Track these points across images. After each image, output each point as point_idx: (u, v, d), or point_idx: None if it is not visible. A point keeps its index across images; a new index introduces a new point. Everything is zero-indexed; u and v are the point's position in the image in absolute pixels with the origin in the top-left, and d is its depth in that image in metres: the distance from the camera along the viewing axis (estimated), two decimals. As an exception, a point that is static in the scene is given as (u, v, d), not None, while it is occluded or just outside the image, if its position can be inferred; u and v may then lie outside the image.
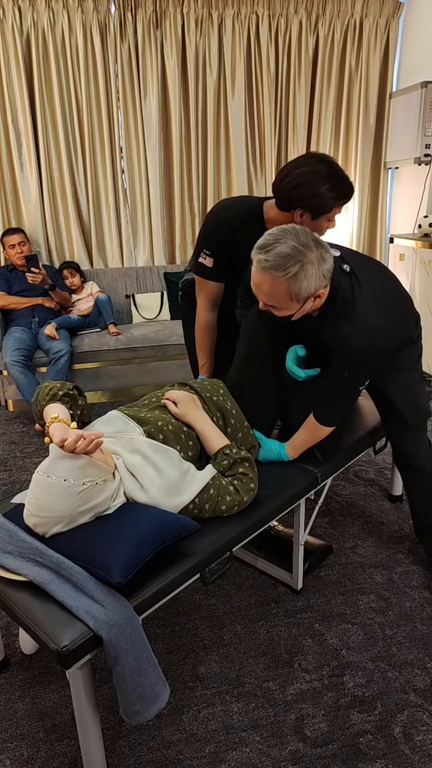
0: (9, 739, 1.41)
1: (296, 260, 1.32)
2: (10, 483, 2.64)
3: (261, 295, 1.42)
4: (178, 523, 1.27)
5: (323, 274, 1.37)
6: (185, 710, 1.47)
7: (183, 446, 1.47)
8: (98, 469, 1.26)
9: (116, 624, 1.10)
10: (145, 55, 3.70)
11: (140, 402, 1.63)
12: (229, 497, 1.41)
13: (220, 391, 1.67)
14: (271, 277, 1.35)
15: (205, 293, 1.95)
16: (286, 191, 1.66)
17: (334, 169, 1.63)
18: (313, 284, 1.36)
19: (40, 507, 1.23)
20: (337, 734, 1.40)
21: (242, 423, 1.64)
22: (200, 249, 1.89)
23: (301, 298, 1.38)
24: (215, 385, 1.69)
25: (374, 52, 4.02)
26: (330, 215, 1.70)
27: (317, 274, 1.35)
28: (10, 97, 3.58)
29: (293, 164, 1.66)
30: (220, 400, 1.64)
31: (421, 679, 1.54)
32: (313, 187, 1.62)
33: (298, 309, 1.41)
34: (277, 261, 1.33)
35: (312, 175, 1.62)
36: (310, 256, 1.33)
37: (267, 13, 3.79)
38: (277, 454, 1.69)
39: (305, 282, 1.34)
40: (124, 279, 4.00)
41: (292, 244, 1.33)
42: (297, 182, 1.63)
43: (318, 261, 1.35)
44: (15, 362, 3.18)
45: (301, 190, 1.63)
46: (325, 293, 1.42)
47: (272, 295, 1.38)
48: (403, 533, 2.16)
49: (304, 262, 1.33)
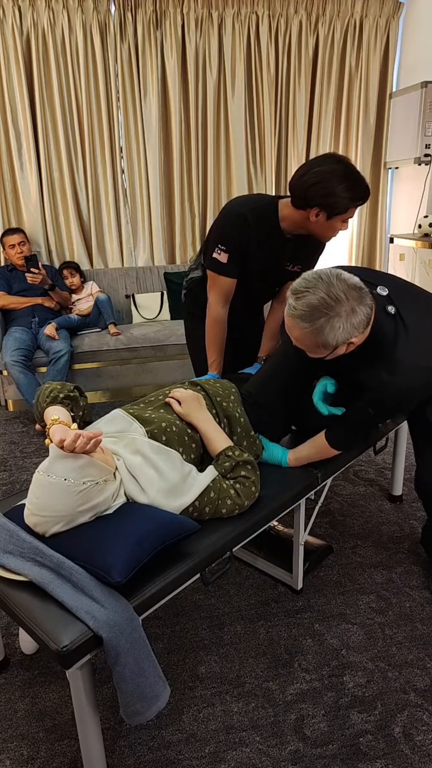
0: (9, 739, 1.41)
1: (323, 313, 1.30)
2: (10, 483, 2.64)
3: (291, 338, 1.41)
4: (178, 523, 1.27)
5: (354, 326, 1.33)
6: (185, 710, 1.47)
7: (186, 448, 1.47)
8: (98, 468, 1.26)
9: (116, 624, 1.10)
10: (145, 55, 3.70)
11: (146, 399, 1.62)
12: (229, 501, 1.41)
13: (231, 397, 1.66)
14: (298, 326, 1.34)
15: (218, 289, 1.95)
16: (303, 189, 1.67)
17: (351, 169, 1.64)
18: (341, 336, 1.33)
19: (40, 506, 1.23)
20: (337, 734, 1.40)
21: (248, 432, 1.64)
22: (215, 244, 1.89)
23: (329, 347, 1.36)
24: (227, 390, 1.68)
25: (374, 52, 4.02)
26: (345, 216, 1.71)
27: (346, 326, 1.32)
28: (10, 97, 3.58)
29: (310, 163, 1.68)
30: (230, 407, 1.63)
31: (421, 679, 1.54)
32: (329, 186, 1.63)
33: (328, 354, 1.40)
34: (304, 312, 1.32)
35: (328, 174, 1.63)
36: (339, 309, 1.30)
37: (267, 13, 3.79)
38: (278, 460, 1.69)
39: (332, 334, 1.32)
40: (124, 279, 4.00)
41: (321, 295, 1.30)
42: (314, 181, 1.64)
43: (348, 314, 1.31)
44: (15, 362, 3.18)
45: (317, 189, 1.64)
46: (359, 341, 1.39)
47: (300, 341, 1.39)
48: (403, 533, 2.16)
49: (331, 315, 1.30)
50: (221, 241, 1.87)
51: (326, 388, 1.67)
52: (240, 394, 1.72)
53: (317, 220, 1.72)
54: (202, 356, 2.10)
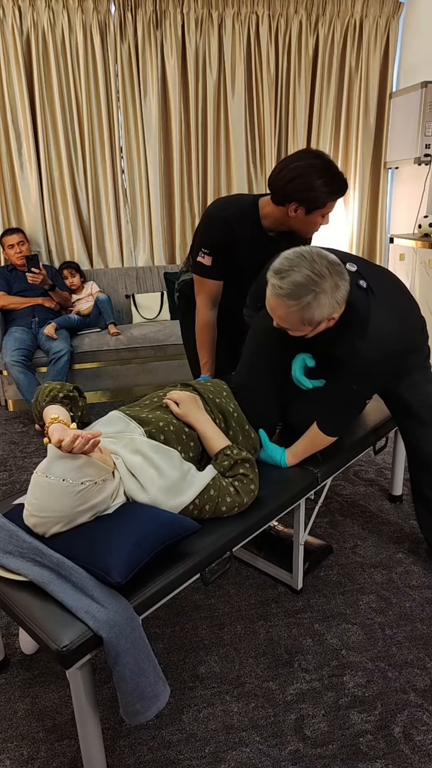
0: (9, 739, 1.41)
1: (309, 290, 1.33)
2: (10, 483, 2.64)
3: (275, 317, 1.44)
4: (178, 523, 1.27)
5: (337, 301, 1.38)
6: (185, 710, 1.47)
7: (184, 447, 1.47)
8: (97, 468, 1.26)
9: (116, 624, 1.10)
10: (145, 55, 3.70)
11: (142, 402, 1.63)
12: (229, 498, 1.41)
13: (223, 393, 1.67)
14: (284, 304, 1.37)
15: (205, 292, 1.96)
16: (281, 185, 1.68)
17: (329, 164, 1.65)
18: (326, 311, 1.38)
19: (40, 507, 1.24)
20: (337, 734, 1.40)
21: (243, 426, 1.64)
22: (198, 248, 1.90)
23: (314, 323, 1.40)
24: (218, 387, 1.69)
25: (374, 52, 4.02)
26: (324, 210, 1.71)
27: (331, 302, 1.36)
28: (10, 97, 3.58)
29: (288, 159, 1.68)
30: (223, 402, 1.64)
31: (421, 679, 1.54)
32: (307, 181, 1.64)
33: (311, 331, 1.44)
34: (290, 290, 1.34)
35: (306, 169, 1.64)
36: (324, 285, 1.34)
37: (267, 13, 3.79)
38: (278, 461, 1.70)
39: (318, 310, 1.36)
40: (124, 279, 4.00)
41: (306, 272, 1.33)
42: (291, 176, 1.65)
43: (332, 289, 1.35)
44: (15, 362, 3.18)
45: (296, 184, 1.65)
46: (338, 315, 1.44)
47: (285, 319, 1.41)
48: (403, 533, 2.16)
49: (318, 291, 1.34)
50: (204, 245, 1.88)
51: (305, 362, 1.69)
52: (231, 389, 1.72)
53: (296, 216, 1.73)
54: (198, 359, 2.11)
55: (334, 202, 1.71)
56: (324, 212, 1.72)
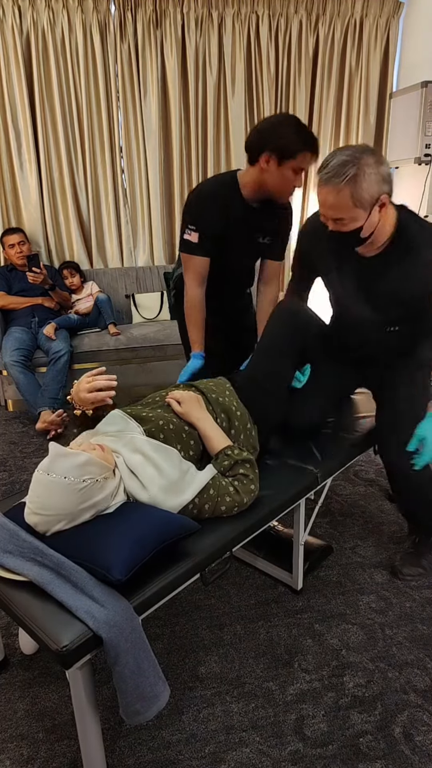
0: (9, 739, 1.41)
1: (353, 164, 1.37)
2: (10, 483, 2.64)
3: (328, 211, 1.44)
4: (178, 523, 1.27)
5: (383, 177, 1.39)
6: (185, 710, 1.47)
7: (184, 446, 1.47)
8: (98, 466, 1.26)
9: (116, 624, 1.09)
10: (145, 55, 3.70)
11: (144, 401, 1.63)
12: (228, 498, 1.41)
13: (225, 393, 1.67)
14: (333, 187, 1.39)
15: (192, 269, 1.99)
16: (254, 140, 1.76)
17: (300, 122, 1.74)
18: (374, 186, 1.38)
19: (41, 505, 1.24)
20: (337, 734, 1.40)
21: (245, 425, 1.64)
22: (184, 226, 1.95)
23: (364, 203, 1.40)
24: (221, 386, 1.69)
25: (374, 51, 4.02)
26: (296, 165, 1.75)
27: (376, 175, 1.38)
28: (10, 97, 3.58)
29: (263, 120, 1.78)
30: (226, 401, 1.64)
31: (421, 680, 1.54)
32: (277, 130, 1.72)
33: (365, 219, 1.43)
34: (335, 170, 1.38)
35: (278, 122, 1.74)
36: (367, 159, 1.37)
37: (267, 12, 3.79)
38: None
39: (365, 183, 1.37)
40: (124, 279, 3.99)
41: (347, 152, 1.38)
42: (264, 128, 1.75)
43: (375, 163, 1.38)
44: (15, 362, 3.18)
45: (267, 134, 1.73)
46: (388, 202, 1.43)
47: (337, 206, 1.41)
48: (403, 533, 2.16)
49: (361, 164, 1.37)
50: (190, 222, 1.93)
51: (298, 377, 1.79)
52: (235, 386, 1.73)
53: (269, 169, 1.77)
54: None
55: (306, 160, 1.75)
56: (296, 166, 1.75)
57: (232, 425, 1.61)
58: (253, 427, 1.67)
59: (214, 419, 1.56)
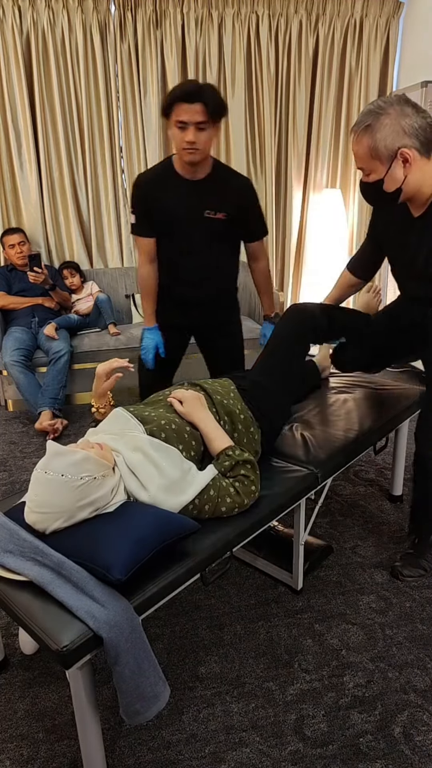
0: (9, 739, 1.41)
1: (373, 114, 1.36)
2: (10, 483, 2.64)
3: (356, 159, 1.44)
4: (178, 523, 1.27)
5: (403, 130, 1.34)
6: (185, 710, 1.47)
7: (185, 445, 1.47)
8: (96, 464, 1.26)
9: (116, 624, 1.09)
10: (145, 55, 3.70)
11: (148, 399, 1.64)
12: (229, 499, 1.41)
13: (230, 395, 1.67)
14: (354, 135, 1.40)
15: (140, 249, 2.14)
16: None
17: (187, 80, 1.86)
18: (390, 137, 1.35)
19: (39, 503, 1.24)
20: (337, 734, 1.40)
21: (249, 428, 1.64)
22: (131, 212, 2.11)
23: (380, 154, 1.37)
24: (226, 388, 1.69)
25: (374, 51, 4.02)
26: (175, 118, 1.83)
27: (394, 126, 1.34)
28: (10, 97, 3.58)
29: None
30: (230, 404, 1.63)
31: (421, 679, 1.54)
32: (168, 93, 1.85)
33: (385, 172, 1.39)
34: (359, 118, 1.38)
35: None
36: (389, 110, 1.34)
37: (267, 12, 3.79)
38: None
39: (379, 134, 1.35)
40: (124, 279, 3.99)
41: (376, 102, 1.37)
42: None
43: (397, 114, 1.34)
44: (15, 362, 3.18)
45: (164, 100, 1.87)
46: (412, 157, 1.37)
47: (357, 154, 1.42)
48: (403, 533, 2.16)
49: (381, 114, 1.35)
50: (132, 208, 2.10)
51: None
52: (241, 388, 1.73)
53: (170, 134, 1.89)
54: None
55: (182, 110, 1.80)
56: (176, 120, 1.83)
57: (235, 428, 1.61)
58: (256, 431, 1.66)
59: (217, 421, 1.56)
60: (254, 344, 3.48)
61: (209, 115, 1.82)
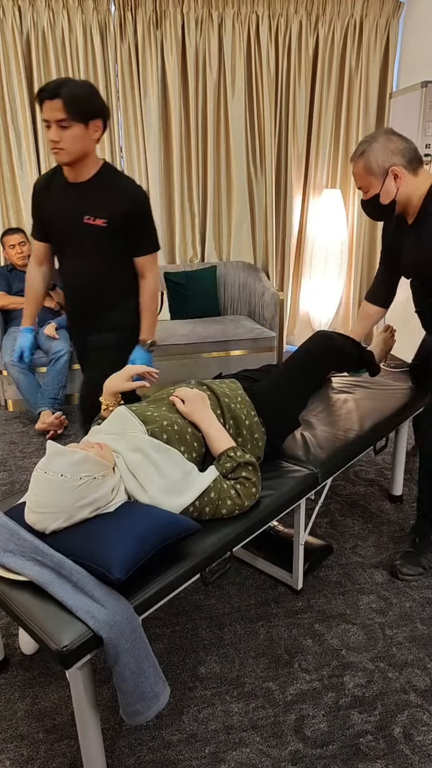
0: (9, 739, 1.41)
1: (366, 143, 1.68)
2: (10, 483, 2.64)
3: (355, 181, 1.74)
4: (178, 523, 1.27)
5: (391, 150, 1.65)
6: (185, 710, 1.47)
7: (187, 447, 1.46)
8: (95, 464, 1.26)
9: (116, 624, 1.09)
10: (145, 55, 3.70)
11: (152, 397, 1.63)
12: (230, 501, 1.40)
13: (238, 399, 1.65)
14: (353, 161, 1.71)
15: (33, 251, 2.20)
16: None
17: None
18: (381, 157, 1.65)
19: (39, 503, 1.24)
20: (337, 734, 1.40)
21: (253, 435, 1.63)
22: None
23: (375, 170, 1.66)
24: (235, 391, 1.67)
25: (374, 52, 4.02)
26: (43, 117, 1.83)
27: (384, 149, 1.65)
28: (10, 97, 3.58)
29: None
30: (237, 408, 1.62)
31: (421, 680, 1.54)
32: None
33: (380, 187, 1.68)
34: (356, 149, 1.71)
35: None
36: (379, 138, 1.67)
37: (267, 13, 3.79)
38: None
39: (372, 155, 1.65)
40: (124, 279, 3.99)
41: (368, 135, 1.69)
42: None
43: (384, 141, 1.66)
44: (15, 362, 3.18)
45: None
46: (401, 173, 1.65)
47: (356, 175, 1.71)
48: (403, 533, 2.16)
49: (372, 141, 1.67)
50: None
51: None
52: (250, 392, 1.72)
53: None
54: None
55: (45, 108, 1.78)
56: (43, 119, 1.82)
57: (239, 433, 1.60)
58: (261, 437, 1.66)
59: (222, 424, 1.55)
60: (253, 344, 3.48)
61: (69, 113, 1.74)
